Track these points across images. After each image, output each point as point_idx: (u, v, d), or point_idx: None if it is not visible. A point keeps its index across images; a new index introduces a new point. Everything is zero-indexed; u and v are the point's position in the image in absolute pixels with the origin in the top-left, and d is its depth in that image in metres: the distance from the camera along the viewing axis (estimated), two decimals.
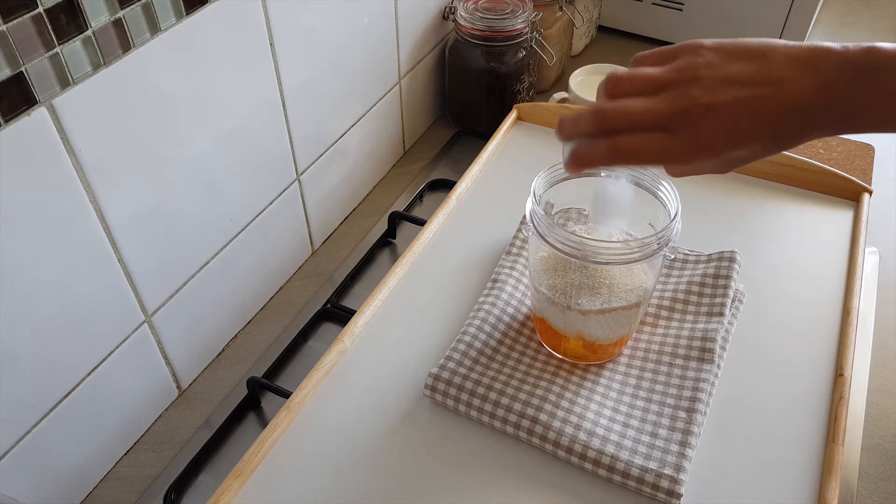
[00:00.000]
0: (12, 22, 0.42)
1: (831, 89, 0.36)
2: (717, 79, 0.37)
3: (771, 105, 0.37)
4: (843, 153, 0.92)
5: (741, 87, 0.37)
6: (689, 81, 0.38)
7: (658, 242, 0.48)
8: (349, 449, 0.53)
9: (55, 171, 0.48)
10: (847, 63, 0.36)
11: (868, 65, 0.36)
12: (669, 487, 0.48)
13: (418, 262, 0.66)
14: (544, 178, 0.53)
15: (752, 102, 0.37)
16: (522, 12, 0.87)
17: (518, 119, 0.82)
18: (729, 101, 0.37)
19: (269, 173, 0.69)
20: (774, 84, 0.37)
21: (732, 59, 0.38)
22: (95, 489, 0.60)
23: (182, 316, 0.63)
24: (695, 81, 0.37)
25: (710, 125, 0.37)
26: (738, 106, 0.37)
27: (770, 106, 0.37)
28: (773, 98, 0.37)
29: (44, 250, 0.49)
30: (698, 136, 0.37)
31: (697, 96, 0.37)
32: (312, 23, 0.67)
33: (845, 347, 0.57)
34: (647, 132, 0.38)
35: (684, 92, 0.37)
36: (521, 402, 0.52)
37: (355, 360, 0.58)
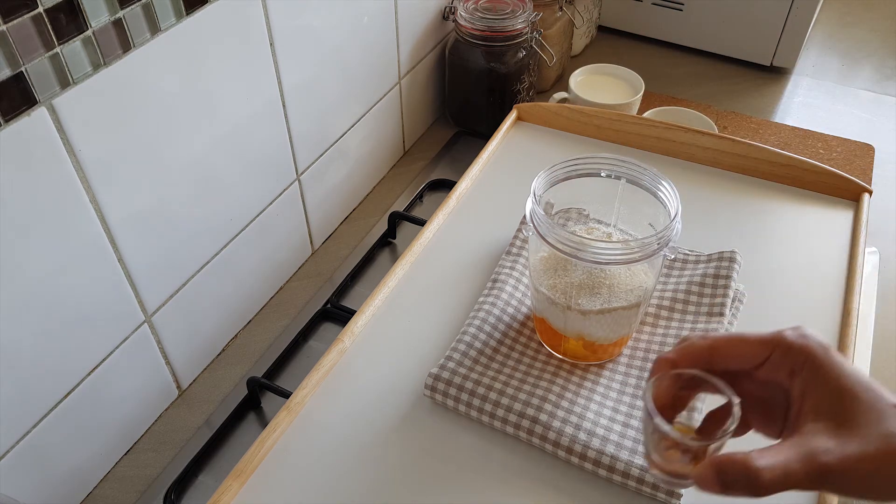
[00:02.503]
0: (12, 22, 0.42)
1: None
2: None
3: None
4: (843, 153, 0.92)
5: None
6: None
7: (658, 242, 0.48)
8: (349, 449, 0.53)
9: (55, 171, 0.48)
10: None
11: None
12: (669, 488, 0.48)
13: (418, 262, 0.66)
14: (544, 178, 0.53)
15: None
16: (522, 12, 0.87)
17: (518, 119, 0.82)
18: None
19: (269, 173, 0.69)
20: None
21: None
22: (95, 489, 0.60)
23: (182, 316, 0.63)
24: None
25: None
26: None
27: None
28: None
29: (44, 250, 0.49)
30: None
31: None
32: (312, 23, 0.67)
33: (845, 347, 0.57)
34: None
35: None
36: (521, 402, 0.52)
37: (355, 360, 0.58)
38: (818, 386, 0.36)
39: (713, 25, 1.06)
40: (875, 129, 0.97)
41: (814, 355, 0.37)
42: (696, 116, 0.86)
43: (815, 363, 0.36)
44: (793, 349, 0.37)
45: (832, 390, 0.36)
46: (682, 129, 0.75)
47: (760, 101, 1.02)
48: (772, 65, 1.06)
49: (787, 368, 0.37)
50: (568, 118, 0.80)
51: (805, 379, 0.37)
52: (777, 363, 0.37)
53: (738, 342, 0.39)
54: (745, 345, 0.38)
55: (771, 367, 0.38)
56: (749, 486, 0.34)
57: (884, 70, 1.09)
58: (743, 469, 0.34)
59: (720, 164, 0.74)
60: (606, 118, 0.78)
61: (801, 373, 0.37)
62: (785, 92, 1.04)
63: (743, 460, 0.34)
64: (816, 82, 1.06)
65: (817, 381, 0.36)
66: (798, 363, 0.37)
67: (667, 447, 0.38)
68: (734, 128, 0.96)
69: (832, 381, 0.36)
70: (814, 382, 0.36)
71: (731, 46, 1.07)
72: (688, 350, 0.40)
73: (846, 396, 0.35)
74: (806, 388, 0.37)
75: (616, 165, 0.54)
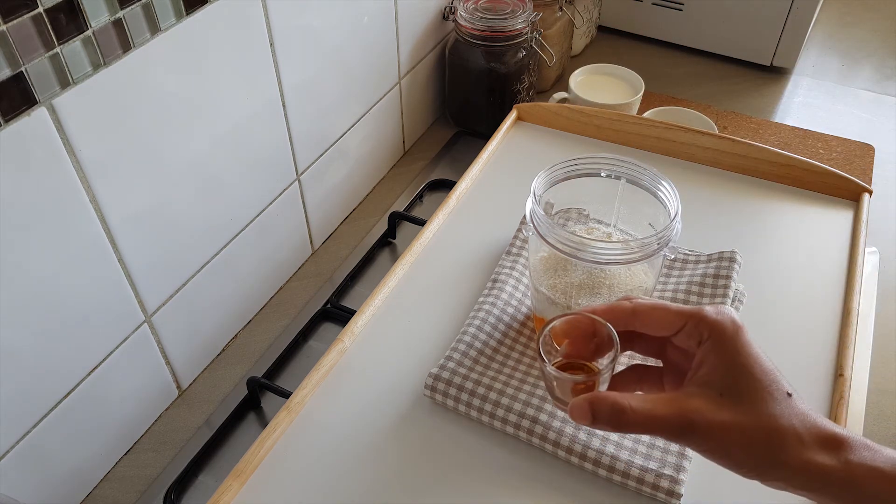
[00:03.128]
0: (12, 22, 0.42)
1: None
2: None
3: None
4: (843, 153, 0.92)
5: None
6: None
7: (658, 242, 0.48)
8: (349, 449, 0.53)
9: (55, 171, 0.48)
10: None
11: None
12: (669, 487, 0.48)
13: (418, 262, 0.66)
14: (544, 178, 0.53)
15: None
16: (522, 12, 0.87)
17: (518, 119, 0.82)
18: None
19: (269, 173, 0.69)
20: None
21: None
22: (95, 489, 0.60)
23: (182, 316, 0.63)
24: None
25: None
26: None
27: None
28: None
29: (44, 250, 0.49)
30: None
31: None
32: (312, 23, 0.67)
33: (845, 347, 0.57)
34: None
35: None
36: (521, 402, 0.52)
37: (355, 360, 0.58)
38: (715, 357, 0.38)
39: (713, 25, 1.06)
40: (875, 129, 0.97)
41: (722, 329, 0.38)
42: (696, 116, 0.86)
43: (720, 337, 0.38)
44: (704, 321, 0.39)
45: (727, 364, 0.38)
46: (682, 129, 0.75)
47: (760, 101, 1.02)
48: (772, 65, 1.06)
49: (697, 338, 0.39)
50: (568, 118, 0.80)
51: (706, 349, 0.39)
52: (689, 332, 0.39)
53: (659, 309, 0.40)
54: (664, 313, 0.40)
55: (684, 335, 0.40)
56: (614, 421, 0.37)
57: (884, 70, 1.09)
58: (612, 404, 0.37)
59: (720, 164, 0.74)
60: (606, 118, 0.78)
61: (705, 343, 0.39)
62: (785, 92, 1.04)
63: (614, 397, 0.38)
64: (816, 82, 1.06)
65: (716, 353, 0.38)
66: (705, 334, 0.39)
67: (555, 381, 0.42)
68: (734, 128, 0.96)
69: (730, 356, 0.38)
70: (713, 353, 0.38)
71: (731, 46, 1.07)
72: (611, 308, 0.42)
73: (740, 372, 0.37)
74: (704, 358, 0.39)
75: (616, 165, 0.54)
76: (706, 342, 0.39)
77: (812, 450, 0.36)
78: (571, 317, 0.42)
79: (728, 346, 0.38)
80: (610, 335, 0.41)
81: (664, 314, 0.40)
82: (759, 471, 0.37)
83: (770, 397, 0.37)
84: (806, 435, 0.36)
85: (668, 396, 0.38)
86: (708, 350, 0.38)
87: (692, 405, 0.37)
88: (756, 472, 0.37)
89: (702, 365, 0.38)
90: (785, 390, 0.37)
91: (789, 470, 0.36)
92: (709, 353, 0.38)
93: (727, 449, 0.37)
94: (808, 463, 0.36)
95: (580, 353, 0.43)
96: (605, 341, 0.42)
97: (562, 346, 0.43)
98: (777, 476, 0.37)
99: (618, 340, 0.41)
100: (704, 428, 0.36)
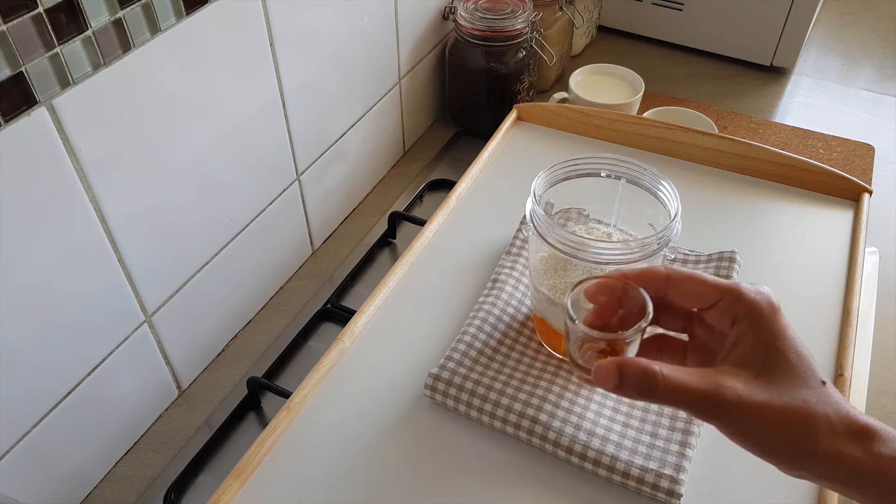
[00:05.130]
0: (12, 22, 0.42)
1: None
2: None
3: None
4: (843, 153, 0.92)
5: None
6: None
7: (658, 242, 0.48)
8: (349, 449, 0.53)
9: (55, 171, 0.48)
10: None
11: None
12: (669, 487, 0.48)
13: (418, 262, 0.66)
14: (544, 178, 0.53)
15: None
16: (522, 12, 0.87)
17: (518, 119, 0.82)
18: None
19: (269, 173, 0.69)
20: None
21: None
22: (95, 489, 0.60)
23: (182, 316, 0.63)
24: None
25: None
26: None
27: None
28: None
29: (44, 250, 0.49)
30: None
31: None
32: (312, 23, 0.67)
33: (845, 347, 0.57)
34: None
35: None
36: (521, 403, 0.52)
37: (355, 360, 0.58)
38: (752, 338, 0.37)
39: (713, 25, 1.06)
40: (875, 129, 0.97)
41: (759, 310, 0.37)
42: (696, 116, 0.86)
43: (757, 317, 0.37)
44: (742, 299, 0.38)
45: (764, 345, 0.37)
46: (682, 129, 0.75)
47: (760, 101, 1.02)
48: (772, 65, 1.06)
49: (731, 316, 0.38)
50: (568, 118, 0.80)
51: (742, 329, 0.37)
52: (724, 308, 0.38)
53: (695, 280, 0.39)
54: (700, 284, 0.39)
55: (718, 311, 0.38)
56: (643, 388, 0.35)
57: (884, 70, 1.09)
58: (642, 368, 0.35)
59: (720, 164, 0.74)
60: (606, 118, 0.78)
61: (740, 323, 0.37)
62: (785, 92, 1.04)
63: (645, 362, 0.36)
64: (816, 82, 1.06)
65: (753, 333, 0.37)
66: (742, 313, 0.37)
67: (581, 343, 0.40)
68: (734, 128, 0.96)
69: (767, 338, 0.37)
70: (749, 334, 0.37)
71: (731, 46, 1.07)
72: (645, 273, 0.40)
73: (776, 355, 0.36)
74: (740, 338, 0.37)
75: (616, 165, 0.54)
76: (742, 321, 0.37)
77: (843, 440, 0.35)
78: (603, 280, 0.41)
79: (765, 328, 0.37)
80: (643, 300, 0.39)
81: (699, 286, 0.39)
82: (787, 457, 0.36)
83: (805, 383, 0.36)
84: (838, 424, 0.35)
85: (700, 370, 0.36)
86: (744, 330, 0.37)
87: (727, 382, 0.35)
88: (783, 459, 0.36)
89: (737, 344, 0.37)
90: (819, 377, 0.36)
91: (818, 458, 0.35)
92: (745, 333, 0.37)
93: (758, 431, 0.35)
94: (838, 453, 0.35)
95: (605, 322, 0.41)
96: (634, 308, 0.40)
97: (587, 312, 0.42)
98: (805, 465, 0.36)
99: (651, 304, 0.39)
100: (736, 407, 0.35)
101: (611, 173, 0.54)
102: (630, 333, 0.39)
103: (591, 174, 0.54)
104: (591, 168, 0.54)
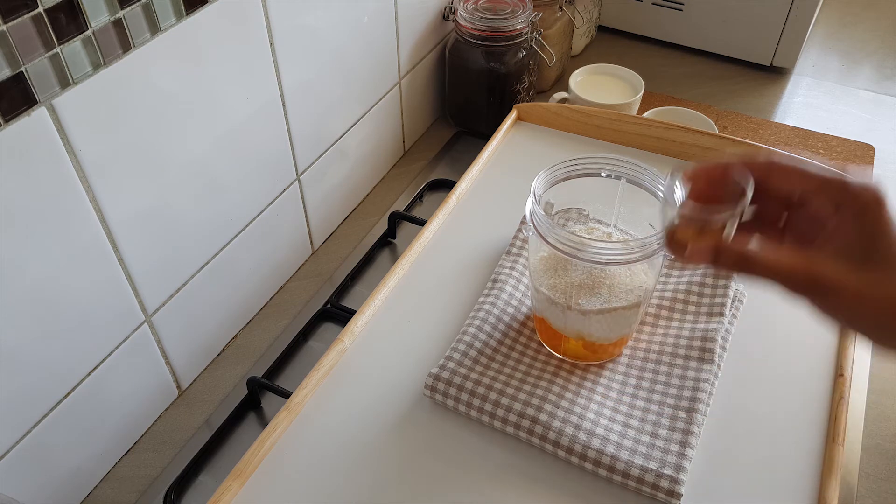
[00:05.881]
0: (12, 22, 0.42)
1: None
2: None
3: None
4: (843, 153, 0.92)
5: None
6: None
7: (658, 242, 0.48)
8: (349, 449, 0.53)
9: (55, 171, 0.48)
10: None
11: None
12: (669, 487, 0.48)
13: (418, 262, 0.66)
14: (544, 178, 0.53)
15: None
16: (522, 12, 0.87)
17: (518, 119, 0.82)
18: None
19: (269, 173, 0.69)
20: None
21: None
22: (95, 489, 0.60)
23: (182, 316, 0.63)
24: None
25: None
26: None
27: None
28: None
29: (44, 250, 0.49)
30: None
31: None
32: (312, 23, 0.67)
33: (845, 347, 0.57)
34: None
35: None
36: (521, 402, 0.52)
37: (355, 360, 0.58)
38: (855, 228, 0.36)
39: (713, 25, 1.06)
40: (875, 129, 0.97)
41: (864, 201, 0.36)
42: (696, 116, 0.86)
43: (862, 208, 0.36)
44: (847, 189, 0.36)
45: (867, 237, 0.35)
46: (682, 129, 0.75)
47: (760, 101, 1.02)
48: (772, 65, 1.06)
49: (834, 205, 0.37)
50: (568, 118, 0.80)
51: (844, 218, 0.36)
52: (827, 198, 0.37)
53: (798, 170, 0.38)
54: (802, 175, 0.38)
55: (820, 200, 0.37)
56: (737, 263, 0.37)
57: (884, 70, 1.09)
58: (738, 250, 0.37)
59: None
60: (606, 118, 0.78)
61: (843, 212, 0.36)
62: (785, 92, 1.04)
63: (741, 247, 0.37)
64: (816, 82, 1.06)
65: (856, 224, 0.36)
66: (846, 203, 0.36)
67: (674, 227, 0.40)
68: (734, 128, 0.96)
69: (870, 229, 0.35)
70: (852, 223, 0.36)
71: (731, 46, 1.07)
72: (747, 159, 0.40)
73: (879, 246, 0.35)
74: (841, 226, 0.36)
75: (616, 165, 0.54)
76: (845, 211, 0.36)
77: None
78: (702, 165, 0.40)
79: (869, 219, 0.36)
80: (744, 183, 0.38)
81: (801, 176, 0.38)
82: (879, 340, 0.36)
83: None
84: None
85: (799, 252, 0.36)
86: (847, 219, 0.36)
87: (827, 264, 0.35)
88: (874, 341, 0.36)
89: (838, 232, 0.36)
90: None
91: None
92: (847, 223, 0.36)
93: (852, 315, 0.35)
94: None
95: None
96: (732, 195, 0.39)
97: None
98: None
99: (752, 186, 0.38)
100: (834, 289, 0.35)
101: (611, 173, 0.54)
102: (726, 215, 0.38)
103: (591, 174, 0.54)
104: (591, 168, 0.54)
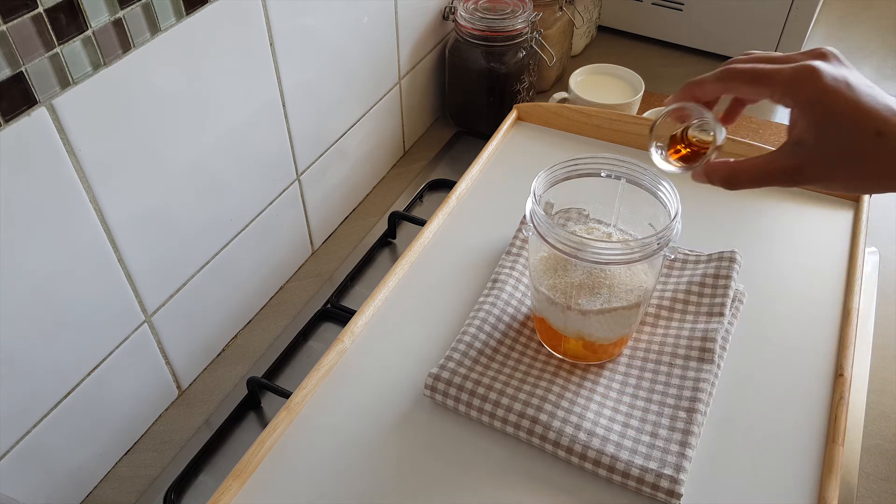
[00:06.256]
0: (12, 22, 0.42)
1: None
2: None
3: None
4: None
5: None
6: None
7: (658, 242, 0.48)
8: (349, 449, 0.53)
9: (55, 171, 0.48)
10: None
11: None
12: (669, 487, 0.48)
13: (418, 262, 0.66)
14: (544, 178, 0.53)
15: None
16: (522, 12, 0.87)
17: (518, 119, 0.82)
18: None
19: (269, 173, 0.69)
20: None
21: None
22: (95, 489, 0.60)
23: (182, 316, 0.63)
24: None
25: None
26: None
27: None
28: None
29: (44, 250, 0.49)
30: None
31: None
32: (312, 23, 0.67)
33: (845, 347, 0.57)
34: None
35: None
36: (521, 402, 0.52)
37: (355, 360, 0.58)
38: (803, 119, 0.40)
39: (713, 25, 1.06)
40: None
41: (794, 90, 0.40)
42: None
43: (795, 98, 0.40)
44: (781, 92, 0.41)
45: (814, 122, 0.40)
46: None
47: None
48: None
49: (780, 95, 0.42)
50: (568, 118, 0.80)
51: (795, 114, 0.41)
52: (778, 98, 0.42)
53: (742, 89, 0.44)
54: (749, 91, 0.44)
55: (775, 99, 0.42)
56: (727, 180, 0.44)
57: (884, 70, 1.09)
58: (728, 167, 0.44)
59: None
60: (606, 118, 0.78)
61: (786, 99, 0.41)
62: None
63: (730, 164, 0.44)
64: None
65: (803, 115, 0.40)
66: (789, 101, 0.41)
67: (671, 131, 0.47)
68: (734, 128, 0.96)
69: (814, 115, 0.40)
70: (801, 117, 0.41)
71: (731, 46, 1.07)
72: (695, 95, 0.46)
73: (822, 121, 0.40)
74: (796, 119, 0.41)
75: (616, 165, 0.54)
76: (787, 98, 0.41)
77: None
78: (675, 109, 0.46)
79: (804, 103, 0.40)
80: (712, 121, 0.45)
81: (748, 91, 0.43)
82: (868, 181, 0.40)
83: (861, 133, 0.38)
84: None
85: (772, 154, 0.42)
86: (797, 115, 0.41)
87: (798, 154, 0.41)
88: (865, 182, 0.40)
89: (794, 125, 0.41)
90: (875, 128, 0.38)
91: (886, 181, 0.39)
92: (798, 117, 0.41)
93: (831, 182, 0.41)
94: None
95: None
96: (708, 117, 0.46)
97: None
98: (874, 190, 0.40)
99: (722, 133, 0.45)
100: (810, 169, 0.40)
101: (611, 173, 0.54)
102: (708, 152, 0.46)
103: (591, 174, 0.54)
104: (591, 168, 0.54)
